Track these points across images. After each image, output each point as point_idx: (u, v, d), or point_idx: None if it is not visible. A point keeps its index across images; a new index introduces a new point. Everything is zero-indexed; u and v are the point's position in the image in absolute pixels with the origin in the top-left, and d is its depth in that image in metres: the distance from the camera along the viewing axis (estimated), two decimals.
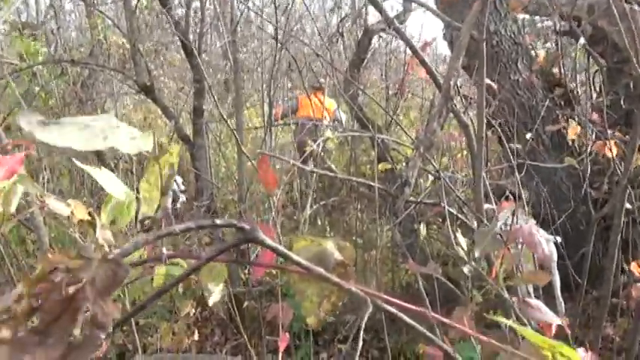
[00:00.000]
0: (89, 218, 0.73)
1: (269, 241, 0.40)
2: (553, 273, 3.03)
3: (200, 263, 0.42)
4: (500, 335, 0.55)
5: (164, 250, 0.45)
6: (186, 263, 1.47)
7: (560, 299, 2.99)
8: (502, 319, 0.44)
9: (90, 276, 0.37)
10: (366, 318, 0.40)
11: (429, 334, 0.45)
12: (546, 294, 2.79)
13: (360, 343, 0.41)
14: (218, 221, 0.41)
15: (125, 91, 4.82)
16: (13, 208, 0.73)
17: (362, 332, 0.41)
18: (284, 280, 2.64)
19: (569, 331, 0.74)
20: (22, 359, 0.34)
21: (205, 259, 0.41)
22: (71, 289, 0.37)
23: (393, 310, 0.42)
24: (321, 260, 0.44)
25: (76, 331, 0.34)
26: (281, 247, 0.40)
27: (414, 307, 0.42)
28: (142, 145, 0.43)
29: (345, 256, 0.45)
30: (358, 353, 0.40)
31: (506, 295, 1.14)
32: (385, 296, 0.42)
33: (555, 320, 0.62)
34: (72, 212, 0.77)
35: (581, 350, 0.46)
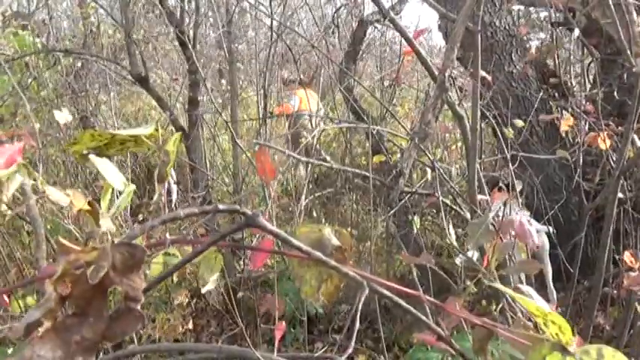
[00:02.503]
0: (88, 208, 0.73)
1: (270, 226, 0.41)
2: (545, 263, 3.08)
3: (203, 247, 0.43)
4: (492, 320, 0.56)
5: (167, 235, 0.45)
6: (182, 252, 1.48)
7: (552, 288, 3.04)
8: (501, 287, 0.45)
9: (109, 262, 0.38)
10: (362, 300, 0.41)
11: (423, 317, 0.46)
12: (539, 284, 2.83)
13: (357, 326, 0.42)
14: (221, 206, 0.41)
15: (118, 82, 4.79)
16: (9, 194, 0.73)
17: (357, 317, 0.42)
18: (279, 270, 2.66)
19: None
20: (72, 339, 0.36)
21: (207, 243, 0.42)
22: (95, 276, 0.38)
23: (389, 294, 0.43)
24: (320, 245, 0.45)
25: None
26: (282, 232, 0.41)
27: (409, 291, 0.44)
28: (143, 131, 0.44)
29: (343, 241, 0.46)
30: (354, 337, 0.41)
31: (497, 284, 1.16)
32: (382, 280, 0.43)
33: (546, 307, 0.64)
34: (71, 202, 0.78)
35: None
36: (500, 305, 0.78)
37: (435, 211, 3.31)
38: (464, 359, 0.51)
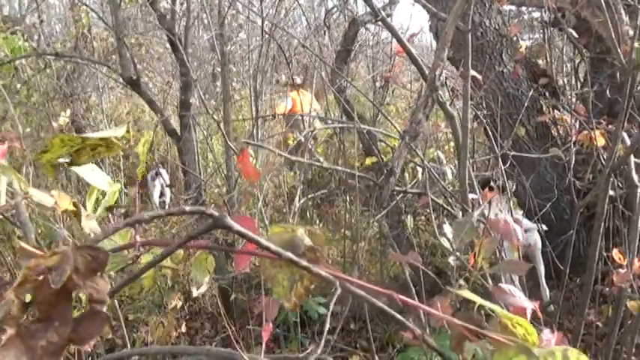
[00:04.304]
0: (73, 208, 0.72)
1: (237, 227, 0.41)
2: (537, 261, 3.08)
3: (171, 249, 0.43)
4: (473, 318, 0.56)
5: (137, 237, 0.45)
6: (173, 255, 1.47)
7: (545, 286, 3.05)
8: (469, 294, 0.45)
9: (72, 266, 0.38)
10: (334, 299, 0.41)
11: (399, 316, 0.46)
12: (532, 281, 2.84)
13: (327, 327, 0.42)
14: (187, 208, 0.41)
15: (111, 86, 4.77)
16: (2, 201, 0.72)
17: (327, 319, 0.42)
18: None
19: (541, 315, 0.76)
20: (37, 345, 0.35)
21: (176, 245, 0.42)
22: (57, 280, 0.38)
23: (362, 293, 0.43)
24: (292, 246, 0.45)
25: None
26: (249, 233, 0.41)
27: (383, 290, 0.44)
28: (115, 132, 0.43)
29: (315, 241, 0.46)
30: (325, 336, 0.41)
31: (488, 282, 1.16)
32: (355, 280, 0.43)
33: (528, 305, 0.64)
34: (56, 203, 0.77)
35: (547, 331, 0.47)
36: (478, 304, 0.79)
37: (428, 211, 3.31)
38: (442, 357, 0.51)
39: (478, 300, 0.41)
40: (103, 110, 4.12)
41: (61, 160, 0.51)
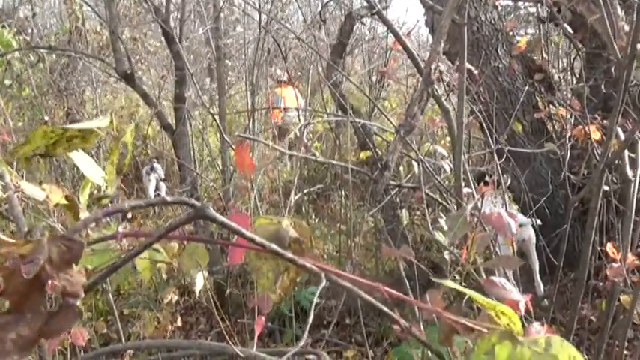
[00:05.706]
0: (66, 202, 0.71)
1: (220, 218, 0.40)
2: (532, 256, 3.08)
3: (152, 240, 0.42)
4: (462, 311, 0.56)
5: (120, 229, 0.45)
6: (167, 248, 1.46)
7: (539, 281, 3.06)
8: (454, 285, 0.45)
9: (45, 255, 0.37)
10: (319, 291, 0.40)
11: (386, 309, 0.46)
12: (526, 276, 2.84)
13: (310, 320, 0.41)
14: (168, 198, 0.41)
15: (105, 80, 4.74)
16: None
17: (310, 313, 0.41)
18: None
19: (531, 308, 0.76)
20: (7, 337, 0.34)
21: (157, 236, 0.41)
22: (29, 270, 0.37)
23: (349, 285, 0.42)
24: (277, 237, 0.44)
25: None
26: (232, 224, 0.40)
27: (370, 283, 0.43)
28: (99, 123, 0.42)
29: (301, 233, 0.45)
30: (307, 330, 0.41)
31: (481, 276, 1.16)
32: (342, 272, 0.42)
33: (519, 298, 0.64)
34: (47, 196, 0.76)
35: (537, 324, 0.47)
36: (466, 297, 0.78)
37: (423, 205, 3.32)
38: (430, 351, 0.51)
39: (464, 290, 0.40)
40: (97, 104, 4.09)
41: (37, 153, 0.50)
